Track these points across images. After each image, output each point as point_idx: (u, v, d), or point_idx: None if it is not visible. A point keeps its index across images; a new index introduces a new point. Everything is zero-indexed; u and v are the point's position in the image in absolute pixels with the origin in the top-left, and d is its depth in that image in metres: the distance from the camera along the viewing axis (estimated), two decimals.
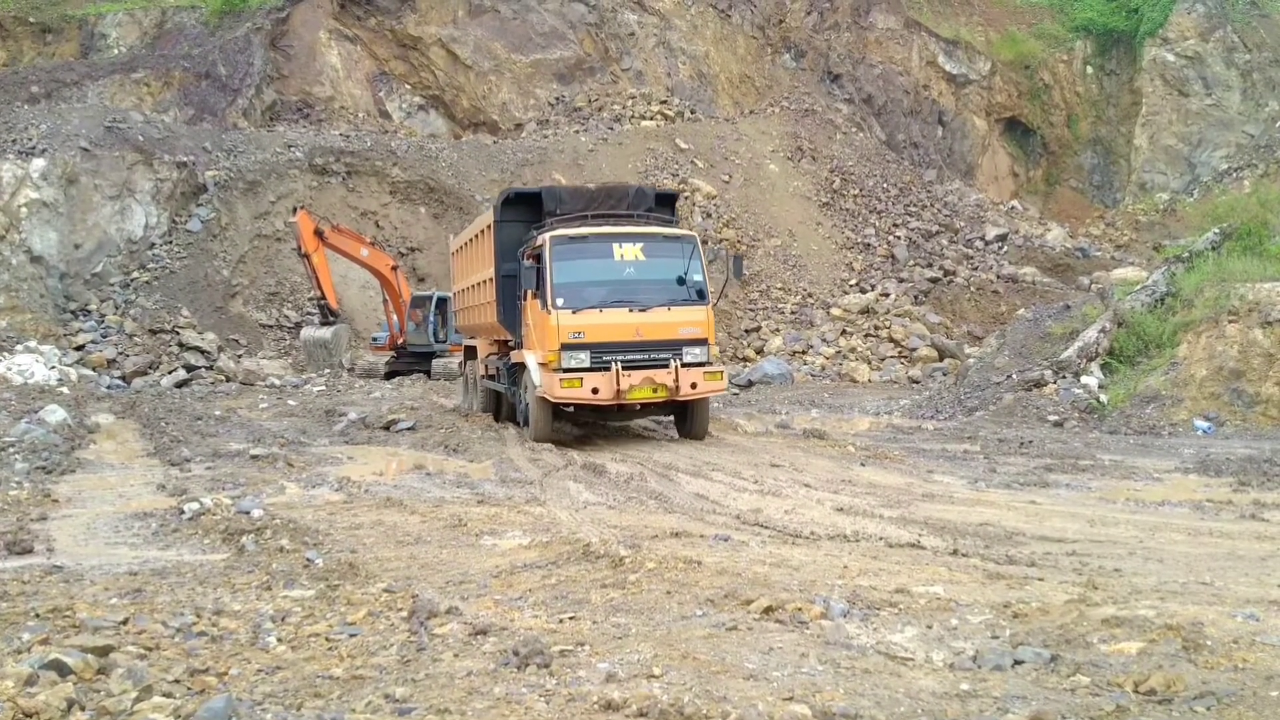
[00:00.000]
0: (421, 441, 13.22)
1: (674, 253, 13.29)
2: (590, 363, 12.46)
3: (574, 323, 12.48)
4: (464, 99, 37.87)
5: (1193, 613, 4.49)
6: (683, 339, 12.89)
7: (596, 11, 38.80)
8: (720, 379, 13.29)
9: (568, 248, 12.85)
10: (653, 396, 12.75)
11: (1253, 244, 17.43)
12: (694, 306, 13.18)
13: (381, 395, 20.03)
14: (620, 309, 12.80)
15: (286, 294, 29.40)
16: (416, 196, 32.02)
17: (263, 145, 31.16)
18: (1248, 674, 3.74)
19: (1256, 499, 8.94)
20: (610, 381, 12.38)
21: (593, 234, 13.07)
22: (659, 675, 3.85)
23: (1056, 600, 4.88)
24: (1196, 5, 38.36)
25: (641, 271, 13.08)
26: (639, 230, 13.40)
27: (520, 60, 37.79)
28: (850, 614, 4.79)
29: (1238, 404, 13.93)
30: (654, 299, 12.97)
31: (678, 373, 12.63)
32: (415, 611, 4.98)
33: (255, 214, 29.78)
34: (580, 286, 12.80)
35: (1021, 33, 42.24)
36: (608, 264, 12.99)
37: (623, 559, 5.97)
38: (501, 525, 7.77)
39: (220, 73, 35.24)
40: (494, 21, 37.78)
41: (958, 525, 7.83)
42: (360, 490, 9.61)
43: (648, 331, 12.76)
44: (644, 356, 12.69)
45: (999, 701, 3.58)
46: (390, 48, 37.78)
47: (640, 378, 12.55)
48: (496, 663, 4.11)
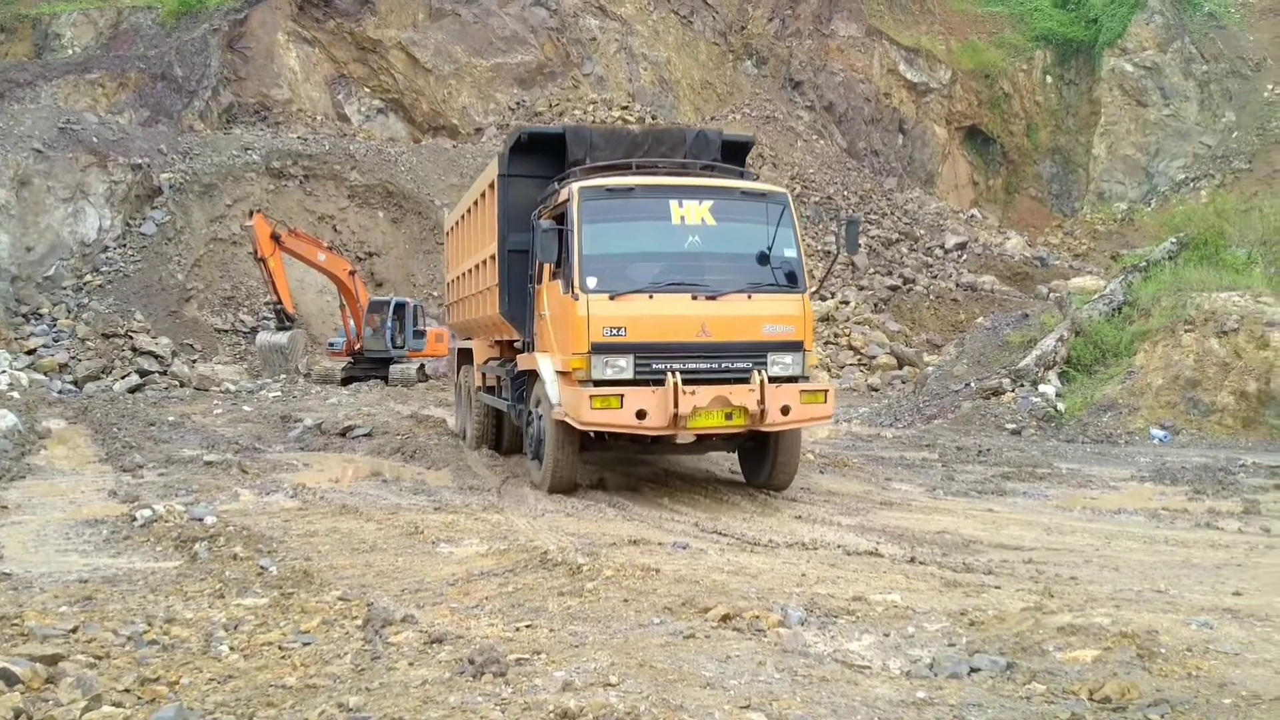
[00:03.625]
0: (378, 448, 13.06)
1: (756, 216, 9.45)
2: (634, 373, 8.83)
3: (611, 313, 8.76)
4: (424, 103, 37.67)
5: (1147, 621, 4.52)
6: (769, 341, 9.16)
7: (558, 16, 38.78)
8: (823, 401, 9.29)
9: (604, 205, 9.15)
10: (726, 425, 8.91)
11: (1209, 254, 17.74)
12: (785, 295, 9.38)
13: (338, 401, 19.81)
14: (679, 295, 8.99)
15: (242, 298, 29.04)
16: (375, 201, 31.78)
17: (219, 148, 30.80)
18: (1201, 682, 3.76)
19: (1211, 507, 9.07)
20: (664, 402, 8.60)
21: (641, 185, 9.36)
22: (615, 684, 3.81)
23: (1013, 608, 4.90)
24: (1155, 16, 39.03)
25: (710, 242, 9.28)
26: (707, 183, 9.65)
27: (481, 64, 37.66)
28: (808, 622, 4.77)
29: (1193, 413, 14.14)
30: (728, 282, 9.15)
31: (764, 390, 8.82)
32: (370, 620, 4.90)
33: (211, 217, 29.42)
34: (622, 261, 9.19)
35: (982, 42, 42.78)
36: (662, 229, 9.23)
37: (580, 567, 5.93)
38: (459, 533, 7.69)
39: (176, 74, 34.78)
40: (454, 25, 37.63)
41: (916, 533, 7.87)
42: (315, 497, 9.47)
43: (719, 329, 8.99)
44: (712, 365, 9.00)
45: (955, 710, 3.58)
46: (349, 50, 37.49)
47: (709, 397, 8.71)
48: (452, 671, 4.04)
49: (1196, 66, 37.97)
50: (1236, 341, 14.32)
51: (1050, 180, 42.69)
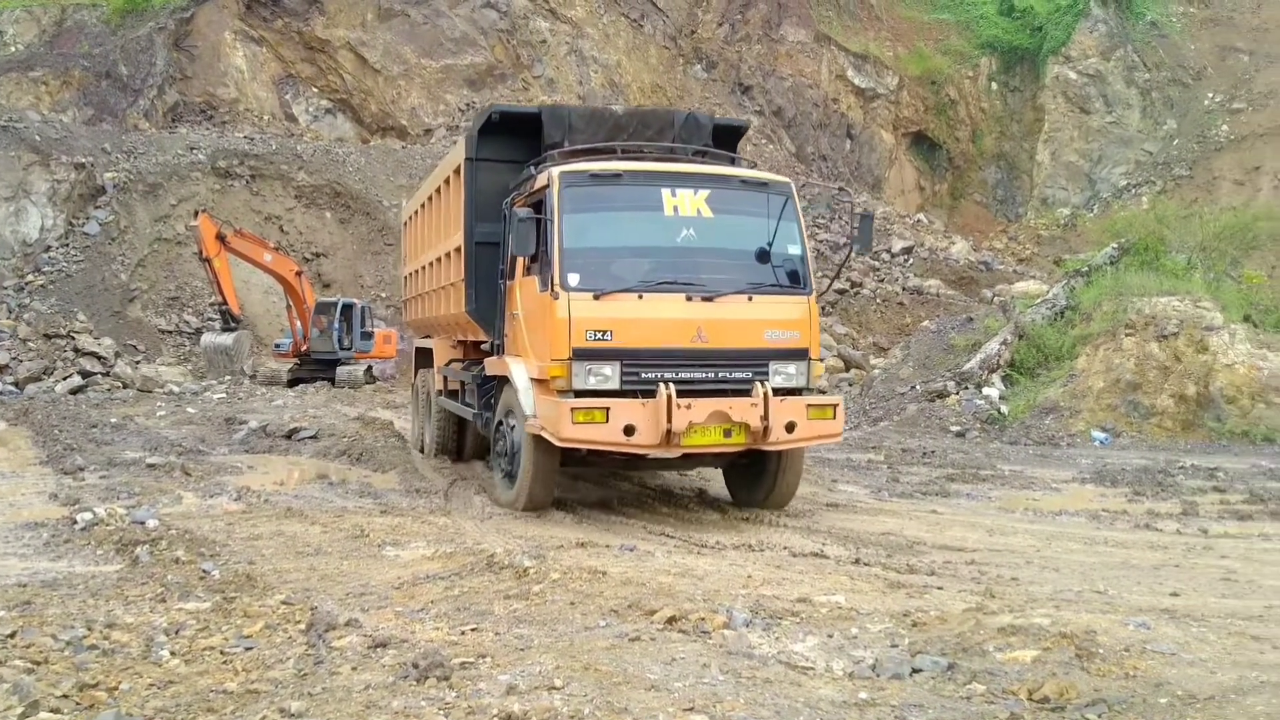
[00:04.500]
0: (324, 450, 12.90)
1: (756, 208, 8.55)
2: (620, 383, 7.95)
3: (595, 315, 7.91)
4: (372, 103, 37.32)
5: (1086, 621, 4.59)
6: (771, 348, 8.33)
7: (508, 18, 38.64)
8: (832, 417, 8.46)
9: (588, 192, 8.30)
10: (724, 444, 8.08)
11: (1149, 259, 18.14)
12: (789, 296, 8.56)
13: (284, 403, 19.55)
14: (672, 295, 8.12)
15: (187, 299, 28.60)
16: (322, 201, 31.46)
17: (164, 147, 30.31)
18: (1138, 681, 3.83)
19: (1150, 509, 9.28)
20: (656, 416, 7.73)
21: (629, 171, 8.48)
22: (560, 687, 3.79)
23: (955, 609, 4.96)
24: (1098, 25, 39.79)
25: (706, 236, 8.43)
26: (703, 170, 8.86)
27: (430, 65, 37.40)
28: (753, 623, 4.79)
29: (1134, 415, 14.43)
30: (726, 282, 8.32)
31: (767, 404, 7.98)
32: (313, 624, 4.84)
33: (155, 217, 28.93)
34: (607, 256, 8.35)
35: (928, 49, 43.33)
36: (653, 221, 8.39)
37: (527, 570, 5.90)
38: (405, 536, 7.63)
39: (121, 72, 34.15)
40: (404, 26, 37.34)
41: (861, 534, 7.95)
42: (260, 500, 9.34)
43: (716, 334, 8.13)
44: (708, 375, 8.15)
45: (896, 710, 3.61)
46: (297, 50, 37.04)
47: (706, 411, 7.85)
48: (395, 675, 4.00)
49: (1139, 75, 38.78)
50: (1176, 345, 14.65)
51: (995, 186, 43.35)
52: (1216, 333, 14.53)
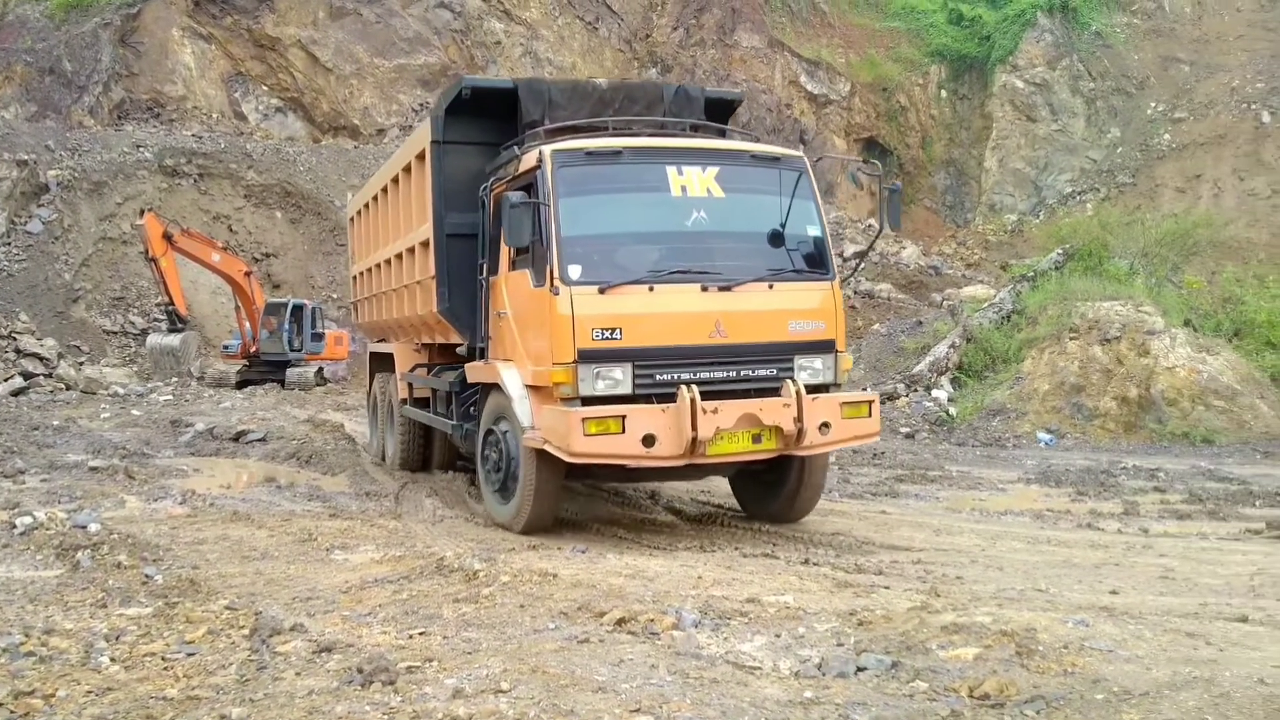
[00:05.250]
0: (273, 453, 12.75)
1: (769, 185, 7.75)
2: (633, 386, 7.15)
3: (602, 311, 7.10)
4: (324, 102, 36.94)
5: (1027, 619, 4.67)
6: (796, 340, 7.59)
7: (462, 18, 38.44)
8: (868, 415, 7.75)
9: (585, 173, 7.48)
10: (754, 450, 7.30)
11: (1093, 264, 18.51)
12: (812, 282, 7.80)
13: (232, 405, 19.30)
14: (686, 286, 7.33)
15: (133, 299, 28.14)
16: (272, 201, 31.11)
17: (110, 145, 29.79)
18: (1076, 678, 3.90)
19: (1093, 508, 9.45)
20: (678, 423, 6.93)
21: (630, 147, 7.65)
22: (507, 690, 3.79)
23: (900, 608, 5.02)
24: (1045, 35, 40.41)
25: (719, 218, 7.65)
26: (710, 145, 8.05)
27: (383, 65, 37.09)
28: (702, 624, 4.81)
29: (1078, 417, 14.70)
30: (744, 268, 7.54)
31: (801, 404, 7.25)
32: (257, 629, 4.79)
33: (100, 216, 28.43)
34: (611, 243, 7.58)
35: (879, 56, 43.76)
36: (659, 203, 7.57)
37: (477, 573, 5.88)
38: (354, 539, 7.56)
39: (66, 68, 33.48)
40: (356, 24, 36.99)
41: (811, 535, 8.01)
42: (205, 504, 9.22)
43: (735, 328, 7.36)
44: (729, 374, 7.36)
45: (840, 708, 3.65)
46: (247, 48, 36.55)
47: (735, 415, 7.07)
48: (340, 681, 3.97)
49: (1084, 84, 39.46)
50: (1118, 349, 14.94)
51: (944, 192, 43.88)
52: (1157, 337, 14.85)
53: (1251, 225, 27.16)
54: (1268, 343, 16.00)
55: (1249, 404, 14.22)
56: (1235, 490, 10.16)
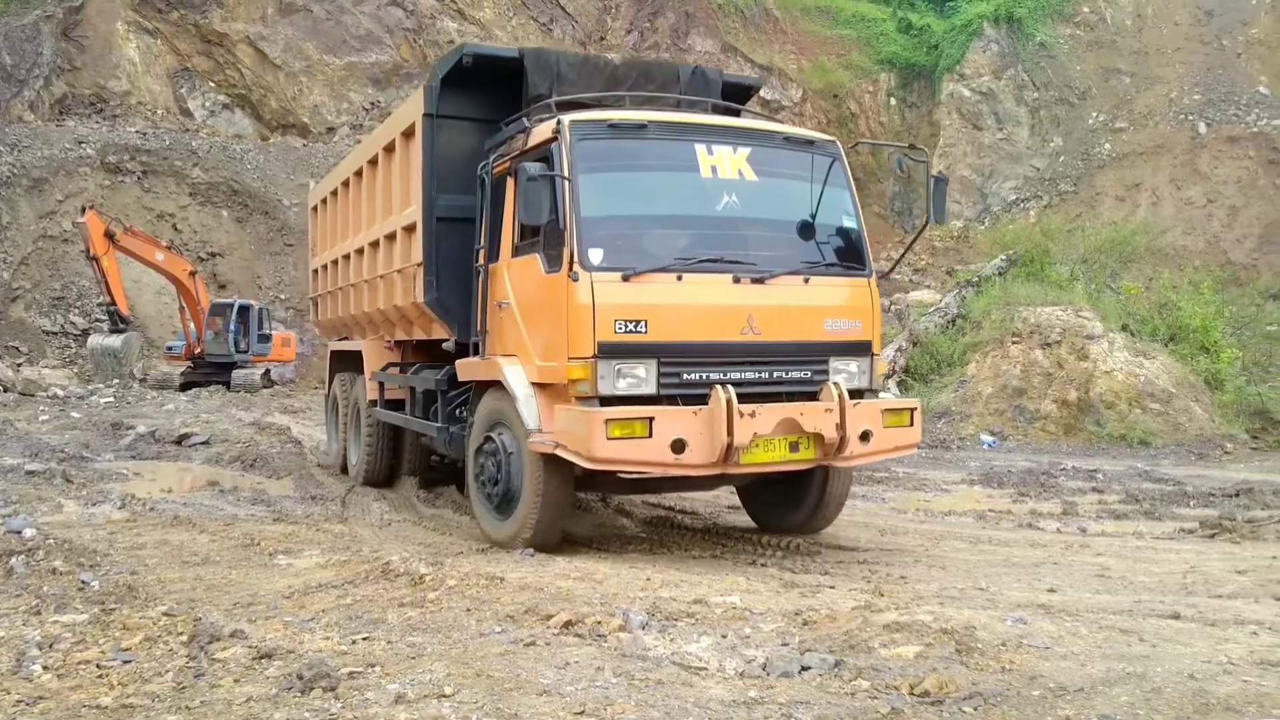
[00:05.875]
0: (217, 456, 12.55)
1: (802, 170, 7.15)
2: (658, 386, 6.54)
3: (626, 300, 6.48)
4: (272, 99, 36.46)
5: (967, 617, 4.74)
6: (831, 341, 7.07)
7: (414, 17, 38.17)
8: (909, 424, 7.20)
9: (607, 147, 6.85)
10: (791, 459, 6.73)
11: (1035, 270, 18.85)
12: (848, 278, 7.29)
13: (175, 408, 18.98)
14: (717, 276, 6.75)
15: (73, 299, 27.59)
16: (219, 199, 30.66)
17: (50, 140, 29.18)
18: (1013, 675, 3.97)
19: (1033, 509, 9.62)
20: (712, 428, 6.31)
21: (656, 121, 7.06)
22: (450, 694, 3.76)
23: (844, 607, 5.07)
24: (991, 45, 41.01)
25: (751, 203, 7.07)
26: (741, 124, 7.59)
27: (334, 62, 36.71)
28: (649, 626, 4.82)
29: (1020, 420, 14.96)
30: (778, 259, 7.00)
31: (844, 409, 6.69)
32: (196, 635, 4.70)
33: (40, 213, 27.85)
34: (635, 226, 6.96)
35: (831, 62, 44.15)
36: (688, 184, 6.96)
37: (423, 577, 5.84)
38: (298, 544, 7.47)
39: (5, 62, 32.64)
40: (306, 21, 36.57)
41: (759, 536, 8.06)
42: (146, 508, 9.04)
43: (769, 325, 6.80)
44: (760, 375, 6.80)
45: (783, 708, 3.68)
46: (194, 43, 35.96)
47: (774, 420, 6.49)
48: (279, 687, 3.92)
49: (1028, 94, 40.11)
50: (1059, 353, 15.24)
51: (893, 198, 44.37)
52: (1096, 341, 15.16)
53: (1187, 233, 27.83)
54: (1201, 347, 16.41)
55: (1184, 407, 14.56)
56: (1170, 491, 10.40)
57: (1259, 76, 30.06)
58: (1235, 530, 8.10)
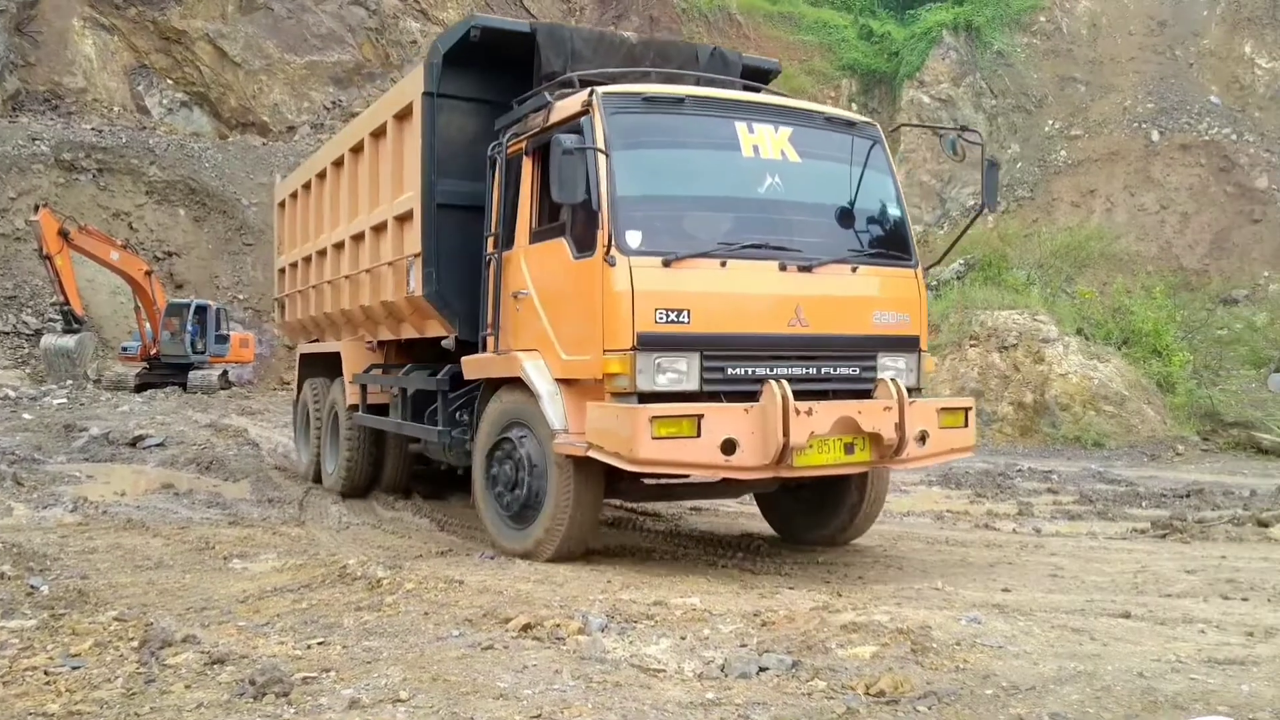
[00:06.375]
0: (172, 459, 12.39)
1: (843, 154, 6.74)
2: (700, 382, 6.09)
3: (667, 288, 6.03)
4: (231, 98, 36.05)
5: (923, 617, 4.79)
6: (880, 335, 6.67)
7: (377, 17, 37.90)
8: (964, 424, 6.87)
9: (641, 122, 6.42)
10: (845, 462, 6.27)
11: (993, 275, 19.10)
12: (895, 268, 6.88)
13: (130, 409, 18.70)
14: (762, 263, 6.28)
15: (26, 298, 27.13)
16: (176, 198, 30.28)
17: (3, 137, 28.73)
18: (967, 674, 4.01)
19: (990, 510, 9.74)
20: (766, 427, 5.86)
21: (692, 96, 6.64)
22: (406, 699, 3.74)
23: (802, 608, 5.09)
24: (950, 52, 41.43)
25: (794, 186, 6.60)
26: (781, 102, 7.13)
27: (294, 61, 36.36)
28: (608, 628, 4.82)
29: (977, 422, 15.13)
30: (824, 246, 6.59)
31: (903, 408, 6.26)
32: (147, 641, 4.63)
33: None
34: (675, 208, 6.52)
35: (793, 68, 44.38)
36: (729, 163, 6.54)
37: (380, 580, 5.78)
38: (254, 547, 7.39)
39: None
40: (266, 19, 36.19)
41: (721, 538, 8.10)
42: (98, 511, 8.91)
43: (817, 316, 6.37)
44: (808, 371, 6.38)
45: (740, 709, 3.69)
46: (151, 40, 35.48)
47: (831, 418, 6.05)
48: (231, 693, 3.87)
49: (986, 100, 40.60)
50: (1015, 356, 15.44)
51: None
52: (1052, 345, 15.38)
53: (1141, 239, 28.28)
54: (1154, 350, 16.71)
55: (1136, 409, 14.80)
56: (1123, 492, 10.58)
57: (1210, 86, 30.64)
58: (1185, 530, 8.25)
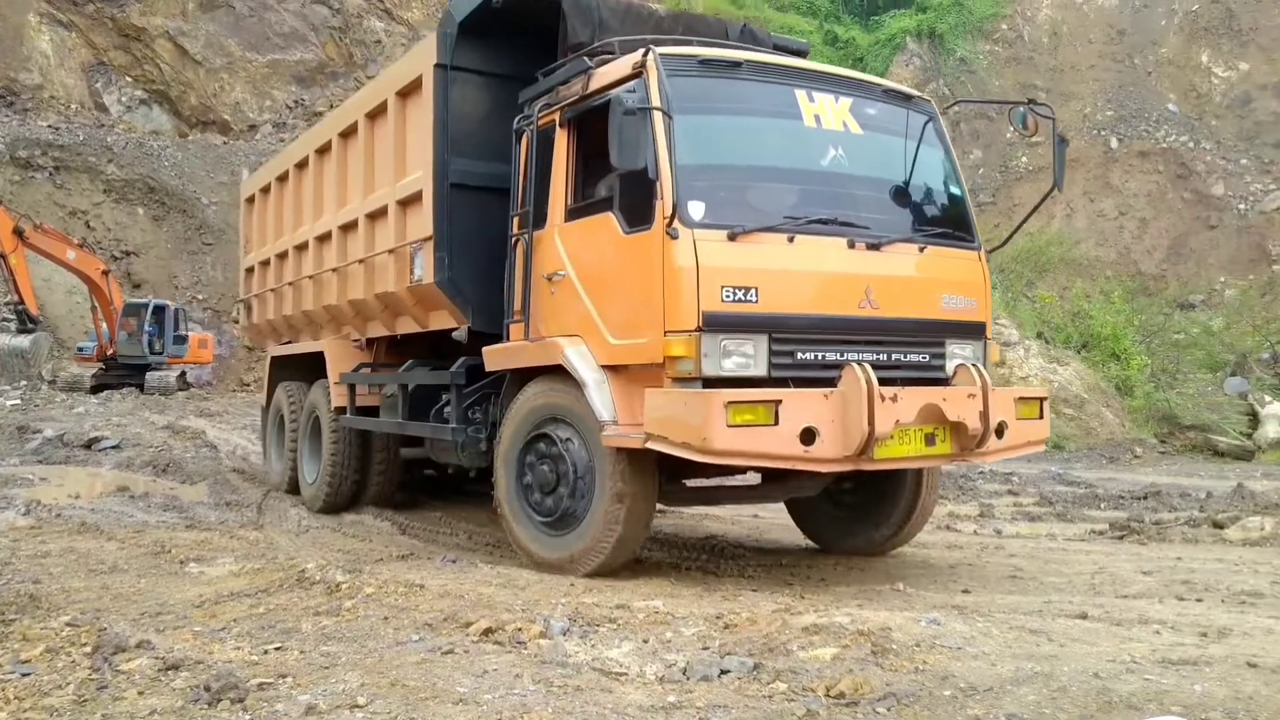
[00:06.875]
0: (128, 461, 12.20)
1: (900, 127, 6.38)
2: (768, 367, 5.63)
3: (734, 264, 5.58)
4: (192, 96, 35.61)
5: (883, 619, 4.80)
6: (948, 319, 6.25)
7: (341, 16, 37.61)
8: (1039, 415, 6.43)
9: (699, 86, 5.97)
10: (927, 454, 5.84)
11: None
12: (960, 250, 6.48)
13: (86, 411, 18.42)
14: (831, 240, 5.89)
15: None
16: (134, 197, 29.90)
17: None
18: (926, 675, 4.02)
19: (951, 511, 9.82)
20: (845, 414, 5.40)
21: (751, 61, 6.22)
22: (364, 705, 3.69)
23: (765, 610, 5.10)
24: (913, 59, 41.75)
25: (857, 160, 6.29)
26: (838, 71, 6.82)
27: (256, 60, 36.00)
28: (570, 632, 4.79)
29: None
30: (891, 224, 6.26)
31: (987, 396, 5.83)
32: (100, 646, 4.55)
33: None
34: (738, 178, 6.12)
35: None
36: (791, 133, 6.15)
37: (339, 585, 5.72)
38: (211, 551, 7.29)
39: None
40: (228, 17, 35.80)
41: (685, 540, 8.10)
42: (51, 514, 8.75)
43: (887, 298, 5.95)
44: (879, 357, 5.86)
45: (701, 711, 3.68)
46: (110, 37, 34.98)
47: (916, 405, 5.59)
48: (186, 699, 3.80)
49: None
50: None
51: None
52: (1013, 348, 15.53)
53: (1100, 244, 28.67)
54: (1112, 354, 16.92)
55: (1095, 412, 14.99)
56: (1082, 493, 10.70)
57: (1168, 95, 31.14)
58: (1143, 532, 8.37)
